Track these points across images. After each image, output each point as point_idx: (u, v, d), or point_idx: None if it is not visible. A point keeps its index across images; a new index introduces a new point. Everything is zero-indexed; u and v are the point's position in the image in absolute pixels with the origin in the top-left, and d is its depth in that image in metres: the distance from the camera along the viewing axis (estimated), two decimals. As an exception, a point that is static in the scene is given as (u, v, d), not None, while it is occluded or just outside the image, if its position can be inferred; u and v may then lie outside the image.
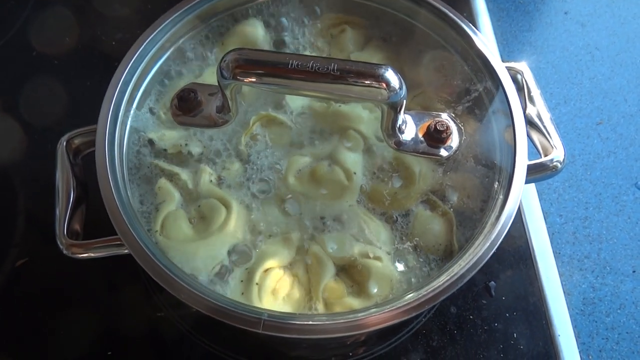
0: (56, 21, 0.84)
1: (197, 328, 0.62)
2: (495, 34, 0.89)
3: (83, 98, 0.75)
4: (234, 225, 0.51)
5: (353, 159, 0.54)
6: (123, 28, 0.82)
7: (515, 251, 0.69)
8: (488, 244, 0.46)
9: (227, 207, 0.52)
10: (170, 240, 0.51)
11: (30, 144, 0.73)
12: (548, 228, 0.72)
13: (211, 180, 0.53)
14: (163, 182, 0.53)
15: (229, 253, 0.51)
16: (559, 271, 0.69)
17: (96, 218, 0.51)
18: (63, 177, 0.52)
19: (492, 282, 0.66)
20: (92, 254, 0.49)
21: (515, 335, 0.63)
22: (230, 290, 0.50)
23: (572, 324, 0.65)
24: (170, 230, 0.51)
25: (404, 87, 0.45)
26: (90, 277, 0.64)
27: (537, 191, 0.75)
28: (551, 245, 0.70)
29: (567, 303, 0.67)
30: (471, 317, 0.64)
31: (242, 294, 0.50)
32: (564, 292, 0.68)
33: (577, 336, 0.71)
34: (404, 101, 0.46)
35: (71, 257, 0.49)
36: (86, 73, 0.78)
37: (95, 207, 0.51)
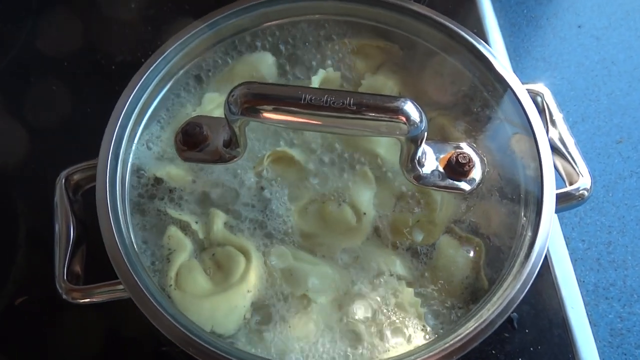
0: (54, 46, 0.82)
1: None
2: (508, 49, 0.86)
3: (82, 125, 0.72)
4: (255, 276, 0.48)
5: (365, 198, 0.51)
6: (123, 51, 0.80)
7: (538, 280, 0.65)
8: (519, 285, 0.43)
9: (246, 255, 0.48)
10: (186, 294, 0.47)
11: (28, 173, 0.70)
12: (570, 254, 0.69)
13: (225, 223, 0.50)
14: (173, 230, 0.50)
15: (253, 306, 0.48)
16: (583, 300, 0.66)
17: (97, 258, 0.48)
18: (62, 216, 0.50)
19: (515, 314, 0.63)
20: (94, 299, 0.47)
21: (541, 370, 0.60)
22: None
23: (600, 357, 0.62)
24: (185, 284, 0.47)
25: (425, 119, 0.42)
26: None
27: (558, 215, 0.72)
28: (574, 272, 0.67)
29: (593, 334, 0.64)
30: (494, 351, 0.61)
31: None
32: (590, 323, 0.64)
33: (606, 371, 0.68)
34: (425, 134, 0.43)
35: (71, 302, 0.47)
36: (85, 98, 0.76)
37: (96, 247, 0.48)
